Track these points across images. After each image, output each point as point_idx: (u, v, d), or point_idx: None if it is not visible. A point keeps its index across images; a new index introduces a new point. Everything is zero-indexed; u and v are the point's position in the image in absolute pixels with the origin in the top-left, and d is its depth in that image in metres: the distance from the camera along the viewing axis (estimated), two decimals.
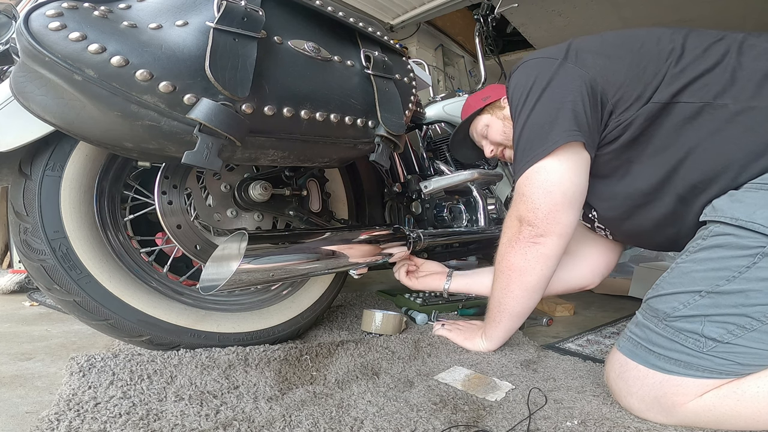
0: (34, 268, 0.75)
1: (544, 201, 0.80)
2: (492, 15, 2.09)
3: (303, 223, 1.09)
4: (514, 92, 0.85)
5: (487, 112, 1.20)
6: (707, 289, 0.63)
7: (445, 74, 3.59)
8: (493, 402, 0.73)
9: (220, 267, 0.83)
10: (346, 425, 0.62)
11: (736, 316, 0.61)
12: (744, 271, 0.61)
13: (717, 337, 0.62)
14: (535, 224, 0.81)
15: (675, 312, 0.65)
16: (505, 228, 0.88)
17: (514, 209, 0.85)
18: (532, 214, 0.81)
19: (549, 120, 0.78)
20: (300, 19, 0.79)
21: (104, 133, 0.63)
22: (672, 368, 0.64)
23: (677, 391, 0.64)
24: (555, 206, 0.79)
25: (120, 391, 0.67)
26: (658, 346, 0.66)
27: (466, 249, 1.63)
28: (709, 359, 0.62)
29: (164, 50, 0.59)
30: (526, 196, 0.81)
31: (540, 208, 0.80)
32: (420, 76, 1.24)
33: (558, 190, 0.79)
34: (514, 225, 0.85)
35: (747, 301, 0.60)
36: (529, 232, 0.82)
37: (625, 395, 0.70)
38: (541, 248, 0.83)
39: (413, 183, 1.39)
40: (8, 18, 0.79)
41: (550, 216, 0.80)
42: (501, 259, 0.89)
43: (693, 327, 0.63)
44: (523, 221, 0.83)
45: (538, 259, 0.84)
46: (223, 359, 0.81)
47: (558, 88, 0.78)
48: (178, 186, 0.92)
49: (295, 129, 0.73)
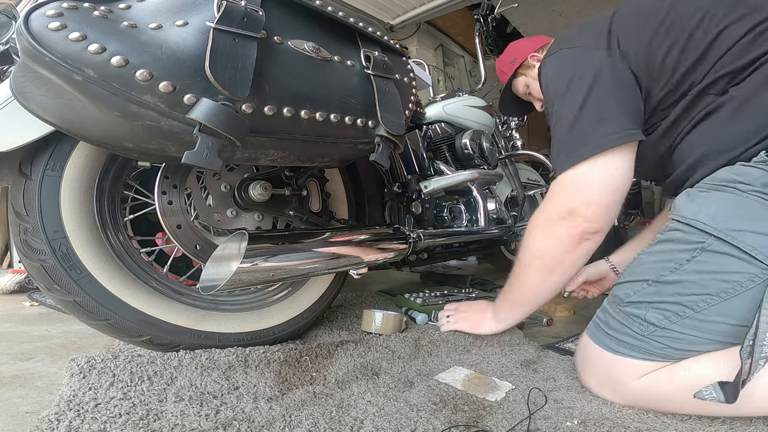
0: (34, 268, 0.75)
1: (606, 200, 0.77)
2: (492, 15, 2.10)
3: (303, 223, 1.09)
4: (553, 80, 0.84)
5: (520, 74, 1.23)
6: (653, 278, 0.70)
7: (445, 74, 3.59)
8: (493, 402, 0.73)
9: (220, 267, 0.83)
10: (346, 425, 0.62)
11: (673, 304, 0.67)
12: (684, 263, 0.68)
13: (656, 322, 0.68)
14: (594, 220, 0.78)
15: (627, 298, 0.73)
16: (546, 216, 0.85)
17: (563, 201, 0.81)
18: (591, 211, 0.78)
19: (605, 120, 0.76)
20: (300, 19, 0.79)
21: (104, 133, 0.63)
22: (620, 349, 0.72)
23: (622, 371, 0.71)
24: (615, 204, 0.78)
25: (120, 392, 0.67)
26: (612, 329, 0.73)
27: (466, 249, 1.63)
28: (648, 342, 0.69)
29: (164, 50, 0.59)
30: (584, 193, 0.78)
31: (601, 204, 0.77)
32: (420, 76, 1.24)
33: (620, 191, 0.78)
34: (561, 217, 0.81)
35: (683, 290, 0.67)
36: (584, 228, 0.79)
37: (585, 374, 0.79)
38: (590, 244, 0.81)
39: (413, 183, 1.39)
40: (8, 18, 0.79)
41: (609, 214, 0.78)
42: (545, 251, 0.85)
43: (639, 312, 0.70)
44: (578, 216, 0.79)
45: (585, 255, 0.83)
46: (223, 360, 0.81)
47: (608, 86, 0.77)
48: (178, 186, 0.92)
49: (295, 129, 0.73)
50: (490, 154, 1.63)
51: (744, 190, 0.66)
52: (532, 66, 1.20)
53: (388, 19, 3.29)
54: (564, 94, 0.81)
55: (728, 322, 0.64)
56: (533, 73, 1.18)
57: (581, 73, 0.80)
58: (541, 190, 2.06)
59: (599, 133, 0.76)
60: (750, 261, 0.62)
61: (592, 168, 0.76)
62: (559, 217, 0.81)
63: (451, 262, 2.40)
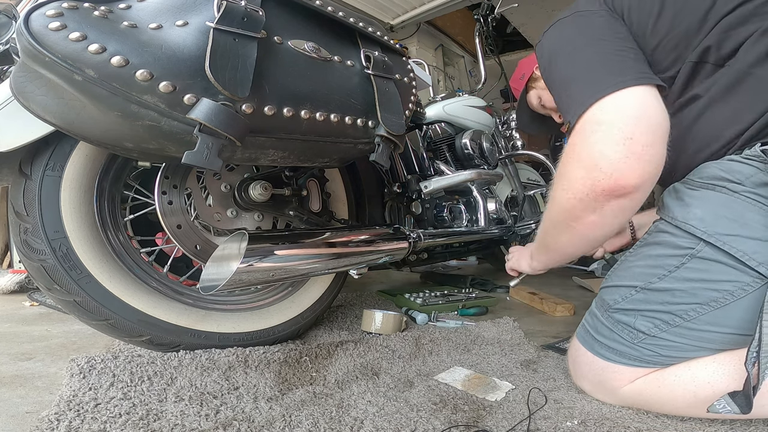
0: (34, 268, 0.75)
1: (644, 139, 0.59)
2: (492, 15, 2.10)
3: (303, 223, 1.09)
4: (553, 44, 0.76)
5: (531, 88, 1.20)
6: (641, 285, 0.69)
7: (445, 74, 3.59)
8: (493, 402, 0.73)
9: (220, 267, 0.83)
10: (346, 425, 0.62)
11: (663, 313, 0.66)
12: (673, 270, 0.66)
13: (646, 331, 0.68)
14: (625, 170, 0.60)
15: (616, 304, 0.71)
16: (567, 170, 0.67)
17: (584, 148, 0.64)
18: (620, 158, 0.59)
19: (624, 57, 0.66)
20: (300, 19, 0.79)
21: (104, 133, 0.63)
22: (611, 356, 0.71)
23: (615, 376, 0.71)
24: (654, 148, 0.60)
25: (120, 392, 0.67)
26: (602, 335, 0.73)
27: (466, 249, 1.63)
28: (639, 350, 0.69)
29: (164, 50, 0.59)
30: (611, 134, 0.60)
31: (635, 149, 0.59)
32: (420, 76, 1.24)
33: (658, 118, 0.61)
34: (583, 167, 0.64)
35: (673, 299, 0.65)
36: (612, 183, 0.61)
37: (578, 377, 0.78)
38: (624, 203, 0.63)
39: (413, 183, 1.39)
40: (8, 18, 0.78)
41: (648, 160, 0.60)
42: (565, 204, 0.69)
43: (628, 320, 0.70)
44: (603, 166, 0.61)
45: (616, 216, 0.66)
46: (223, 361, 0.81)
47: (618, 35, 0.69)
48: (178, 186, 0.92)
49: (295, 129, 0.73)
50: (490, 154, 1.63)
51: (735, 191, 0.63)
52: (538, 78, 1.15)
53: (388, 19, 3.29)
54: (572, 47, 0.71)
55: (719, 330, 0.63)
56: (541, 83, 1.14)
57: (588, 30, 0.71)
58: (541, 190, 2.06)
59: (626, 67, 0.64)
60: (741, 269, 0.61)
61: (622, 100, 0.61)
62: (581, 168, 0.64)
63: (451, 262, 2.40)
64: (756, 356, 0.56)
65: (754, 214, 0.61)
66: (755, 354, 0.57)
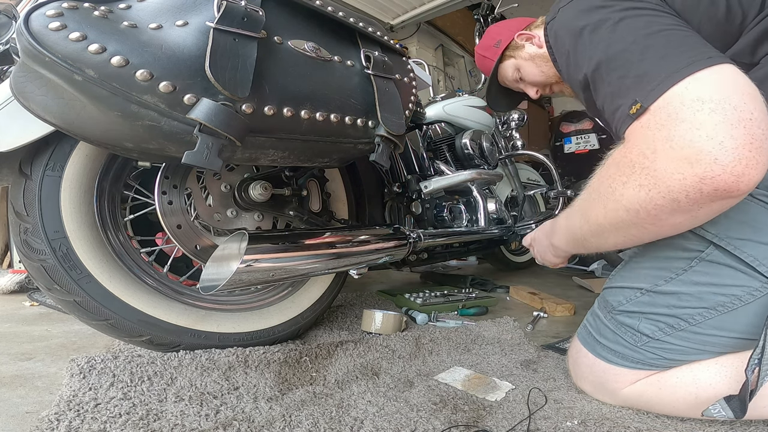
0: (34, 268, 0.75)
1: (755, 106, 0.47)
2: (492, 15, 2.10)
3: (303, 223, 1.09)
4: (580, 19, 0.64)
5: (508, 57, 1.07)
6: (647, 288, 0.67)
7: (445, 74, 3.59)
8: (493, 402, 0.73)
9: (220, 267, 0.83)
10: (346, 425, 0.62)
11: (668, 317, 0.65)
12: (681, 273, 0.64)
13: (649, 334, 0.66)
14: (744, 161, 0.46)
15: (620, 306, 0.70)
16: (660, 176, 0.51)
17: (684, 135, 0.48)
18: (736, 144, 0.46)
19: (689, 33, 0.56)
20: (300, 19, 0.79)
21: (104, 133, 0.63)
22: (613, 359, 0.70)
23: (616, 378, 0.70)
24: (767, 115, 0.48)
25: (120, 392, 0.67)
26: (604, 337, 0.72)
27: (466, 249, 1.63)
28: (642, 353, 0.68)
29: (164, 50, 0.59)
30: (720, 101, 0.47)
31: (755, 117, 0.46)
32: (420, 76, 1.24)
33: (758, 93, 0.49)
34: (679, 170, 0.49)
35: (679, 303, 0.64)
36: (725, 180, 0.47)
37: (579, 378, 0.77)
38: (731, 202, 0.51)
39: (413, 183, 1.39)
40: (8, 18, 0.78)
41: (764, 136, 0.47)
42: (649, 220, 0.55)
43: (632, 322, 0.68)
44: (711, 158, 0.47)
45: (711, 217, 0.54)
46: (223, 361, 0.81)
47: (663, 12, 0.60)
48: (178, 186, 0.92)
49: (295, 129, 0.73)
50: (490, 154, 1.63)
51: None
52: (520, 46, 1.03)
53: (388, 19, 3.29)
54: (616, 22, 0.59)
55: (724, 335, 0.63)
56: (523, 53, 1.02)
57: (636, 3, 0.60)
58: (541, 190, 2.06)
59: (705, 45, 0.54)
60: (750, 273, 0.59)
61: (725, 73, 0.50)
62: (680, 160, 0.49)
63: (451, 262, 2.39)
64: (758, 362, 0.56)
65: (767, 218, 0.59)
66: (757, 360, 0.56)
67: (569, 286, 1.89)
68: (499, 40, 1.08)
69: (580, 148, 3.65)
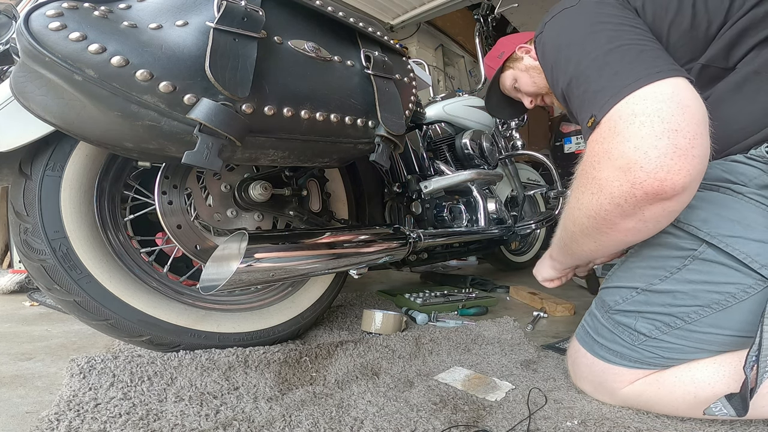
0: (34, 268, 0.75)
1: (684, 118, 0.52)
2: (492, 15, 2.10)
3: (303, 223, 1.09)
4: (561, 35, 0.70)
5: (508, 68, 1.17)
6: (643, 287, 0.68)
7: (445, 74, 3.59)
8: (493, 402, 0.73)
9: (220, 267, 0.83)
10: (346, 425, 0.62)
11: (664, 315, 0.65)
12: (675, 272, 0.65)
13: (646, 333, 0.67)
14: (667, 169, 0.52)
15: (616, 306, 0.70)
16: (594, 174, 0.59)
17: (618, 146, 0.55)
18: (660, 155, 0.52)
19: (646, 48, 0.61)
20: (300, 19, 0.79)
21: (104, 133, 0.63)
22: (611, 358, 0.71)
23: (615, 378, 0.71)
24: (699, 126, 0.53)
25: (120, 392, 0.67)
26: (602, 337, 0.72)
27: (466, 249, 1.63)
28: (639, 352, 0.68)
29: (164, 50, 0.59)
30: (649, 116, 0.53)
31: (678, 142, 0.52)
32: (420, 76, 1.24)
33: (697, 105, 0.54)
34: (616, 168, 0.56)
35: (674, 301, 0.64)
36: (652, 185, 0.53)
37: (578, 378, 0.78)
38: (669, 206, 0.55)
39: (413, 183, 1.39)
40: (8, 18, 0.78)
41: (694, 144, 0.52)
42: (605, 225, 0.62)
43: (628, 321, 0.69)
44: (640, 166, 0.53)
45: (658, 220, 0.58)
46: (223, 361, 0.81)
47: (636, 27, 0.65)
48: (178, 186, 0.92)
49: (295, 129, 0.73)
50: (490, 154, 1.63)
51: (738, 192, 0.62)
52: (519, 58, 1.13)
53: (388, 19, 3.29)
54: (588, 36, 0.65)
55: (721, 332, 0.63)
56: (521, 64, 1.13)
57: (604, 18, 0.66)
58: (541, 190, 2.06)
59: (658, 58, 0.59)
60: (744, 271, 0.60)
61: (662, 89, 0.55)
62: (615, 168, 0.56)
63: (451, 262, 2.40)
64: (755, 360, 0.56)
65: (757, 216, 0.60)
66: (755, 358, 0.56)
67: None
68: (503, 51, 1.18)
69: (580, 148, 3.65)
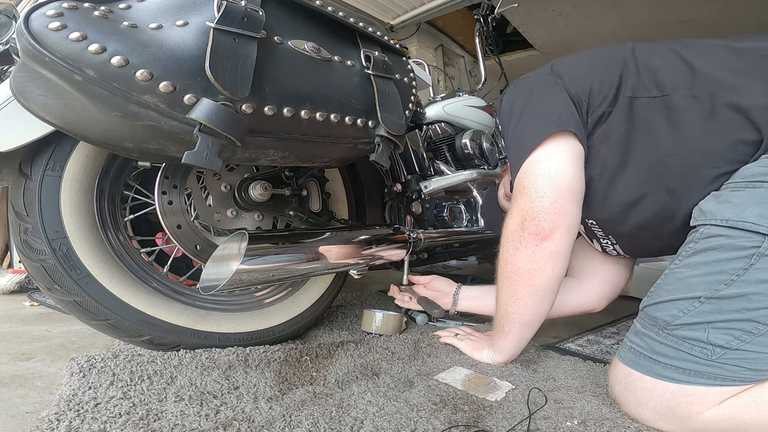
0: (34, 268, 0.75)
1: (548, 189, 0.74)
2: (492, 15, 2.10)
3: (303, 223, 1.09)
4: (502, 111, 0.87)
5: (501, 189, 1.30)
6: (706, 295, 0.61)
7: (445, 74, 3.59)
8: (493, 402, 0.73)
9: (220, 267, 0.83)
10: (346, 425, 0.62)
11: (742, 321, 0.59)
12: (742, 273, 0.59)
13: (724, 344, 0.59)
14: (541, 217, 0.75)
15: (675, 320, 0.64)
16: (506, 230, 0.82)
17: (515, 207, 0.79)
18: (537, 204, 0.75)
19: (538, 118, 0.79)
20: (300, 19, 0.79)
21: (104, 133, 0.63)
22: (681, 377, 0.63)
23: (692, 400, 0.62)
24: (560, 194, 0.74)
25: (120, 392, 0.67)
26: (663, 356, 0.65)
27: (466, 249, 1.63)
28: (720, 366, 0.60)
29: (164, 50, 0.59)
30: (527, 188, 0.76)
31: (545, 197, 0.74)
32: (420, 76, 1.24)
33: (562, 178, 0.74)
34: (515, 224, 0.79)
35: (750, 305, 0.58)
36: (534, 227, 0.75)
37: (635, 406, 0.68)
38: (549, 245, 0.76)
39: (413, 183, 1.39)
40: (8, 18, 0.78)
41: (556, 205, 0.74)
42: (504, 264, 0.84)
43: (697, 335, 0.61)
44: (527, 216, 0.76)
45: (548, 259, 0.76)
46: (223, 360, 0.81)
47: (541, 95, 0.82)
48: (179, 186, 0.92)
49: (295, 129, 0.73)
50: (490, 154, 1.63)
51: None
52: None
53: (388, 19, 3.29)
54: (509, 115, 0.84)
55: None
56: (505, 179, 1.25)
57: (521, 92, 0.84)
58: None
59: (536, 126, 0.78)
60: None
61: (534, 162, 0.76)
62: (512, 226, 0.79)
63: (451, 262, 2.39)
64: None
65: None
66: None
67: None
68: None
69: None
